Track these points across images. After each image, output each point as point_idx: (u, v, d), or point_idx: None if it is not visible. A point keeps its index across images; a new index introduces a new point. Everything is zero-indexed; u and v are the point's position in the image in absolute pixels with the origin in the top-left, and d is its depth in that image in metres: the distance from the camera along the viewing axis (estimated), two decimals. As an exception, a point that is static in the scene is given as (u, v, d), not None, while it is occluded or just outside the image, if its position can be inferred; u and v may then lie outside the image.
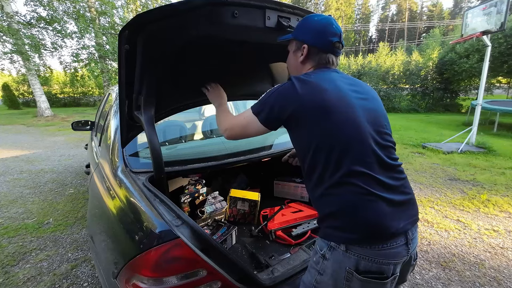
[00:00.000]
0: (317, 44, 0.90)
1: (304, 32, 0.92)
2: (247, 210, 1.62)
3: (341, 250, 0.73)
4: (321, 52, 0.90)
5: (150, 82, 1.04)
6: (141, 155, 1.35)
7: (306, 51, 0.91)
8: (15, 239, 2.27)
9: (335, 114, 0.77)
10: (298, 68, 0.97)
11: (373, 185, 0.73)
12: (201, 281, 0.78)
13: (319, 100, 0.78)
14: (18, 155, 5.14)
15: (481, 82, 5.13)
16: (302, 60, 0.93)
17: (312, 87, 0.80)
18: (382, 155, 0.79)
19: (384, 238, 0.72)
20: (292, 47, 0.97)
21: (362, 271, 0.72)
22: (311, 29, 0.90)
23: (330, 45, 0.89)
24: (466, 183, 3.50)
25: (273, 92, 0.84)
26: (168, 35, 0.91)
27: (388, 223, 0.72)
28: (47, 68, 12.08)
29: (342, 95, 0.80)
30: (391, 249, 0.72)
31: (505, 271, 1.88)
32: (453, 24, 34.28)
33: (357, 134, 0.77)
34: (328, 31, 0.88)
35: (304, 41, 0.91)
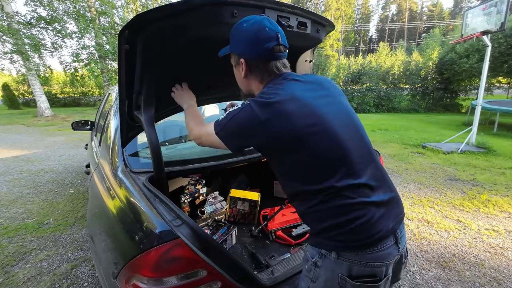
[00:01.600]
0: (253, 55, 0.81)
1: (236, 44, 0.83)
2: (247, 210, 1.61)
3: (332, 258, 0.72)
4: (262, 63, 0.82)
5: (150, 82, 1.04)
6: (141, 155, 1.35)
7: (245, 66, 0.83)
8: (15, 239, 2.27)
9: (310, 139, 0.72)
10: (246, 85, 0.90)
11: (359, 192, 0.72)
12: (201, 281, 0.78)
13: (289, 128, 0.71)
14: (18, 155, 5.14)
15: (481, 82, 5.13)
16: (244, 75, 0.86)
17: (276, 113, 0.72)
18: (363, 158, 0.77)
19: (375, 242, 0.71)
20: (233, 61, 0.89)
21: (355, 276, 0.71)
22: (243, 39, 0.81)
23: (268, 53, 0.79)
24: (466, 183, 3.50)
25: (233, 118, 0.76)
26: (168, 35, 0.91)
27: (378, 227, 0.71)
28: (47, 68, 12.08)
29: (311, 111, 0.74)
30: (382, 251, 0.72)
31: (505, 271, 1.88)
32: (453, 24, 34.29)
33: (337, 150, 0.73)
34: (261, 37, 0.78)
35: (240, 54, 0.83)
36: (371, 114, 11.85)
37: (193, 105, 1.09)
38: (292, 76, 0.83)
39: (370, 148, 0.81)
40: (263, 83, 0.85)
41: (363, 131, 0.82)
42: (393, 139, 6.09)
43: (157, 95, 1.10)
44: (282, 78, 0.82)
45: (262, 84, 0.85)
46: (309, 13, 1.06)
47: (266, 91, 0.77)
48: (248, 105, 0.75)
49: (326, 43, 32.51)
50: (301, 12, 1.02)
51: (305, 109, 0.74)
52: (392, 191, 0.80)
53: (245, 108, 0.75)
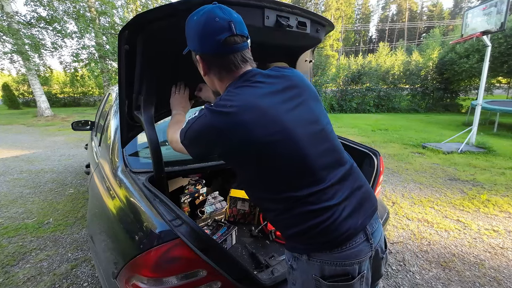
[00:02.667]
0: (205, 50, 0.73)
1: (190, 39, 0.76)
2: (247, 210, 1.61)
3: (304, 259, 0.73)
4: (217, 58, 0.74)
5: (150, 82, 1.04)
6: (141, 155, 1.35)
7: (201, 63, 0.77)
8: (15, 239, 2.27)
9: (269, 150, 0.69)
10: (210, 83, 0.84)
11: (323, 198, 0.71)
12: (201, 281, 0.78)
13: (246, 139, 0.67)
14: (18, 155, 5.14)
15: (481, 82, 5.13)
16: (204, 72, 0.80)
17: (232, 123, 0.67)
18: (328, 164, 0.74)
19: (343, 241, 0.70)
20: (194, 57, 0.82)
21: (327, 276, 0.70)
22: (194, 34, 0.73)
23: (221, 46, 0.70)
24: (466, 183, 3.50)
25: (191, 127, 0.73)
26: (168, 35, 0.91)
27: (345, 226, 0.70)
28: (47, 68, 12.08)
29: (271, 119, 0.69)
30: (351, 249, 0.71)
31: (505, 271, 1.88)
32: (453, 24, 34.29)
33: (299, 160, 0.70)
34: (212, 29, 0.69)
35: (194, 51, 0.77)
36: (371, 114, 11.85)
37: (180, 114, 1.06)
38: (255, 76, 0.75)
39: (337, 152, 0.78)
40: (224, 81, 0.78)
41: (331, 134, 0.79)
42: (393, 139, 6.09)
43: (157, 95, 1.10)
44: (242, 81, 0.74)
45: (222, 82, 0.79)
46: (309, 13, 1.06)
47: (224, 98, 0.71)
48: (204, 115, 0.70)
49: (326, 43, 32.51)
50: (300, 12, 1.02)
51: (264, 118, 0.68)
52: (362, 186, 0.79)
53: (201, 118, 0.71)
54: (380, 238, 0.80)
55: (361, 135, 6.80)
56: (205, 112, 0.71)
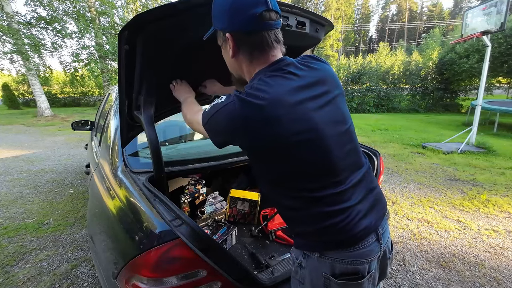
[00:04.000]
0: (238, 26, 0.67)
1: (219, 17, 0.70)
2: (247, 210, 1.61)
3: (315, 257, 0.72)
4: (250, 36, 0.68)
5: (150, 82, 1.04)
6: (141, 155, 1.35)
7: (232, 41, 0.70)
8: (15, 239, 2.27)
9: (297, 148, 0.67)
10: (236, 67, 0.78)
11: (341, 199, 0.70)
12: (201, 281, 0.78)
13: (274, 135, 0.64)
14: (18, 155, 5.14)
15: (481, 82, 5.13)
16: (232, 53, 0.72)
17: (261, 116, 0.63)
18: (350, 166, 0.74)
19: (357, 240, 0.71)
20: (219, 39, 0.76)
21: (338, 274, 0.70)
22: (224, 9, 0.67)
23: (257, 20, 0.65)
24: (466, 183, 3.50)
25: (216, 113, 0.68)
26: (168, 35, 0.91)
27: (360, 226, 0.70)
28: (47, 68, 12.08)
29: (301, 116, 0.66)
30: (364, 248, 0.71)
31: (505, 271, 1.88)
32: (453, 24, 34.30)
33: (324, 162, 0.69)
34: (246, 2, 0.64)
35: (224, 29, 0.70)
36: (371, 114, 11.85)
37: (190, 97, 1.03)
38: (288, 66, 0.70)
39: (358, 153, 0.79)
40: (253, 64, 0.73)
41: (354, 135, 0.79)
42: (393, 139, 6.09)
43: (157, 95, 1.10)
44: (275, 69, 0.70)
45: (252, 65, 0.73)
46: (308, 12, 1.06)
47: (255, 87, 0.66)
48: (232, 102, 0.65)
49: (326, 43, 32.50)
50: (300, 12, 1.02)
51: (294, 115, 0.65)
52: (375, 188, 0.79)
53: (228, 105, 0.65)
54: (388, 239, 0.81)
55: (361, 135, 6.80)
56: (234, 100, 0.65)
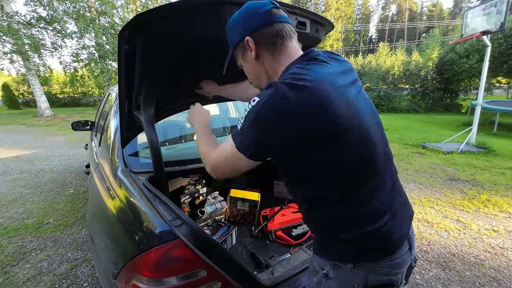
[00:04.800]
0: (252, 26, 0.70)
1: (235, 30, 0.74)
2: (247, 210, 1.61)
3: (347, 268, 0.67)
4: (266, 30, 0.70)
5: (150, 82, 1.03)
6: (141, 155, 1.35)
7: (252, 42, 0.71)
8: (15, 239, 2.27)
9: (343, 135, 0.61)
10: (260, 71, 0.75)
11: (379, 199, 0.67)
12: (201, 281, 0.78)
13: (324, 120, 0.58)
14: (18, 155, 5.14)
15: (481, 82, 5.14)
16: (255, 55, 0.72)
17: (312, 99, 0.58)
18: (386, 160, 0.70)
19: (394, 249, 0.67)
20: (239, 55, 0.77)
21: (371, 285, 0.66)
22: (237, 22, 0.73)
23: (268, 15, 0.69)
24: (466, 183, 3.50)
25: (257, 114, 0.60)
26: (168, 35, 0.91)
27: (395, 233, 0.67)
28: (47, 68, 12.08)
29: (346, 101, 0.62)
30: (398, 258, 0.68)
31: (505, 271, 1.88)
32: (453, 24, 34.30)
33: (368, 150, 0.65)
34: (255, 6, 0.71)
35: (241, 37, 0.72)
36: (371, 114, 11.84)
37: (202, 125, 0.91)
38: (319, 55, 0.69)
39: (389, 148, 0.75)
40: (278, 58, 0.71)
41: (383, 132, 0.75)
42: (393, 139, 6.09)
43: (157, 95, 1.09)
44: (309, 58, 0.68)
45: (276, 60, 0.72)
46: (308, 12, 1.06)
47: (295, 72, 0.62)
48: (274, 92, 0.58)
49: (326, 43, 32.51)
50: (300, 12, 1.02)
51: (342, 99, 0.61)
52: (403, 192, 0.76)
53: (270, 97, 0.58)
54: (415, 246, 0.78)
55: (361, 135, 6.79)
56: (274, 89, 0.59)
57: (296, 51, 0.72)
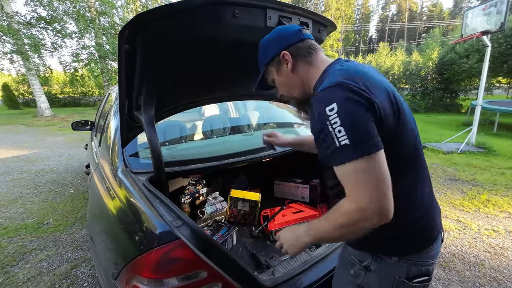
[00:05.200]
0: (288, 41, 0.77)
1: (269, 47, 0.81)
2: (247, 210, 1.61)
3: (393, 261, 0.69)
4: (302, 44, 0.77)
5: (150, 82, 1.03)
6: (141, 155, 1.35)
7: (288, 55, 0.76)
8: (15, 239, 2.27)
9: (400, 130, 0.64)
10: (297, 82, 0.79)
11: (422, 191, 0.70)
12: (201, 282, 0.78)
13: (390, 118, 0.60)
14: (18, 155, 5.14)
15: (481, 82, 5.14)
16: (291, 66, 0.77)
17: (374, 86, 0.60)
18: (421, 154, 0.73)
19: (433, 240, 0.71)
20: (273, 71, 0.82)
21: (412, 277, 0.69)
22: (271, 41, 0.80)
23: (300, 33, 0.78)
24: (466, 183, 3.50)
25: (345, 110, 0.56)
26: (168, 35, 0.91)
27: (435, 225, 0.71)
28: (47, 68, 12.07)
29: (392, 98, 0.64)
30: (435, 249, 0.72)
31: (505, 271, 1.88)
32: (453, 24, 34.30)
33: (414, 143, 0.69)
34: (287, 28, 0.81)
35: (277, 51, 0.78)
36: (371, 114, 11.83)
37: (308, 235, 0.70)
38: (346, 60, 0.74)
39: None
40: (314, 63, 0.76)
41: None
42: (393, 139, 6.07)
43: (157, 95, 1.09)
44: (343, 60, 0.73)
45: (312, 65, 0.76)
46: (311, 13, 1.05)
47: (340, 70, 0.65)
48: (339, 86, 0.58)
49: (326, 43, 32.50)
50: (302, 13, 1.02)
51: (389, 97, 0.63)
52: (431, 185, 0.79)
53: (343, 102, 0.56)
54: None
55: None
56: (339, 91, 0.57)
57: (327, 59, 0.79)
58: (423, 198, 0.71)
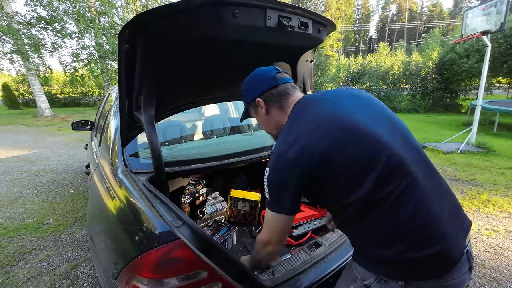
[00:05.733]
0: (262, 88, 0.87)
1: (249, 91, 0.91)
2: (247, 210, 1.61)
3: (397, 285, 0.65)
4: (274, 91, 0.86)
5: (150, 82, 1.03)
6: (141, 155, 1.35)
7: (262, 102, 0.87)
8: (15, 239, 2.27)
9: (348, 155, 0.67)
10: (273, 122, 0.90)
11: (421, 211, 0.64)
12: (201, 282, 0.78)
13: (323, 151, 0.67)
14: (18, 155, 5.14)
15: (481, 82, 5.13)
16: (266, 111, 0.89)
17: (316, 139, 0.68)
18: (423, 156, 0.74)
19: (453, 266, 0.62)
20: (252, 111, 0.95)
21: None
22: (250, 85, 0.91)
23: (274, 78, 0.87)
24: (466, 183, 3.50)
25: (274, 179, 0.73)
26: (168, 35, 0.91)
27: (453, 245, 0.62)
28: (47, 68, 12.07)
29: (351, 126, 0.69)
30: (458, 277, 0.62)
31: (505, 271, 1.88)
32: (453, 24, 34.29)
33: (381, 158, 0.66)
34: (263, 72, 0.89)
35: (253, 98, 0.89)
36: (371, 114, 11.82)
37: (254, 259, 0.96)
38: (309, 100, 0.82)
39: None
40: (284, 109, 0.86)
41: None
42: (393, 139, 6.07)
43: (157, 95, 1.09)
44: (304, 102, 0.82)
45: (283, 111, 0.86)
46: (311, 13, 1.05)
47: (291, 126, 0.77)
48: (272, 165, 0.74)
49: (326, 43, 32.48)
50: (302, 12, 1.02)
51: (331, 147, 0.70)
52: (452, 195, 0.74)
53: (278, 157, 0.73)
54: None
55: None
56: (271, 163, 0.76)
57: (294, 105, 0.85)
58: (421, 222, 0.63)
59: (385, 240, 0.66)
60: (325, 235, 1.31)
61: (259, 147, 1.68)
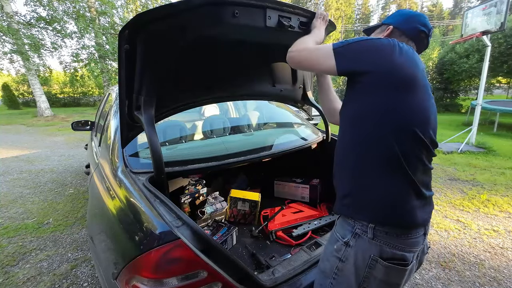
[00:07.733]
0: (401, 26, 0.87)
1: (393, 17, 0.92)
2: (247, 210, 1.61)
3: (367, 238, 0.75)
4: (404, 36, 0.87)
5: (150, 82, 1.03)
6: (141, 155, 1.34)
7: (389, 32, 0.89)
8: (15, 239, 2.27)
9: (417, 94, 0.74)
10: None
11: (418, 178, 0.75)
12: (201, 282, 0.78)
13: (410, 73, 0.73)
14: (18, 155, 5.14)
15: (481, 82, 5.14)
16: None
17: (407, 58, 0.74)
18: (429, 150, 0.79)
19: (412, 228, 0.76)
20: (376, 33, 0.95)
21: (386, 258, 0.74)
22: (402, 14, 0.90)
23: (416, 32, 0.86)
24: (466, 183, 3.50)
25: (366, 42, 0.76)
26: (168, 34, 0.91)
27: (418, 216, 0.76)
28: (47, 68, 12.07)
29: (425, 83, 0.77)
30: (413, 238, 0.76)
31: (505, 271, 1.88)
32: (453, 24, 34.28)
33: (424, 123, 0.75)
34: (419, 20, 0.87)
35: (389, 23, 0.90)
36: (371, 114, 11.83)
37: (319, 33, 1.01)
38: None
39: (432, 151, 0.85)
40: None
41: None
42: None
43: (157, 95, 1.09)
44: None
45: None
46: (311, 13, 1.06)
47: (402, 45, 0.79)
48: (389, 40, 0.76)
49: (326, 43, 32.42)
50: (302, 12, 1.02)
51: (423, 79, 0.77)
52: (431, 191, 0.84)
53: (384, 41, 0.76)
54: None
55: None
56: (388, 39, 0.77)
57: None
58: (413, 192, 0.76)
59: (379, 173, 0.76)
60: (325, 235, 1.31)
61: (259, 147, 1.68)
